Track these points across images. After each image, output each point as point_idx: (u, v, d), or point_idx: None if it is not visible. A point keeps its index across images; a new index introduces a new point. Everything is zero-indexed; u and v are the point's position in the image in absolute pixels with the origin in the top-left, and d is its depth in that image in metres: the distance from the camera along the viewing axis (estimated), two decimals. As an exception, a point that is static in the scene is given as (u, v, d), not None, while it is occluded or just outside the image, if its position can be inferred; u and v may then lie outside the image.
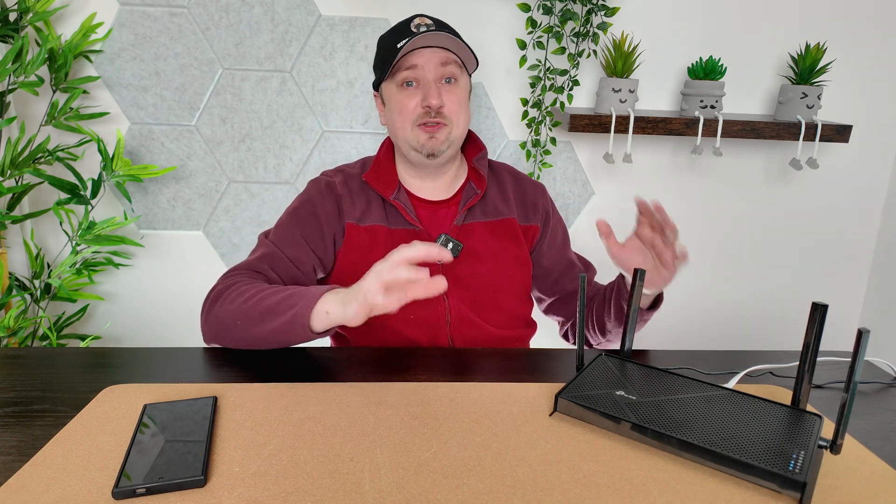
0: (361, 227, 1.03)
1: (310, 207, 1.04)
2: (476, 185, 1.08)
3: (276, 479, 0.60)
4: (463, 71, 1.04)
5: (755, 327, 1.87)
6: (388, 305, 0.73)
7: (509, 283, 1.08)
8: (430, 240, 1.03)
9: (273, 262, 0.99)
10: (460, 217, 1.05)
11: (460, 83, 1.03)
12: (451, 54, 1.00)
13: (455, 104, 1.01)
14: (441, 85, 1.01)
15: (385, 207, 1.05)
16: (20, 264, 1.58)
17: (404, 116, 1.01)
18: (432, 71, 0.99)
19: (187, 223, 1.64)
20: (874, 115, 1.68)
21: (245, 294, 0.87)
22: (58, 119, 1.46)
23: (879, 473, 0.65)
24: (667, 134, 1.51)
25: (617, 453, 0.67)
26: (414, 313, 1.01)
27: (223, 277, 0.95)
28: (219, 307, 0.89)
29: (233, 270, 0.97)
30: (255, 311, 0.84)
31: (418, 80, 1.00)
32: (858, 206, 1.77)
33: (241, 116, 1.58)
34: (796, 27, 1.60)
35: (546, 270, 1.14)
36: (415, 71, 0.99)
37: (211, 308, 0.90)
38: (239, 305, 0.86)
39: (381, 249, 1.01)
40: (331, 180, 1.07)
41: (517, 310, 1.10)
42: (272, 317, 0.83)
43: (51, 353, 0.89)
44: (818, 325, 0.67)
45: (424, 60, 0.99)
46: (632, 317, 0.83)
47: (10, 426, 0.69)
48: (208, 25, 1.50)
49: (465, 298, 1.04)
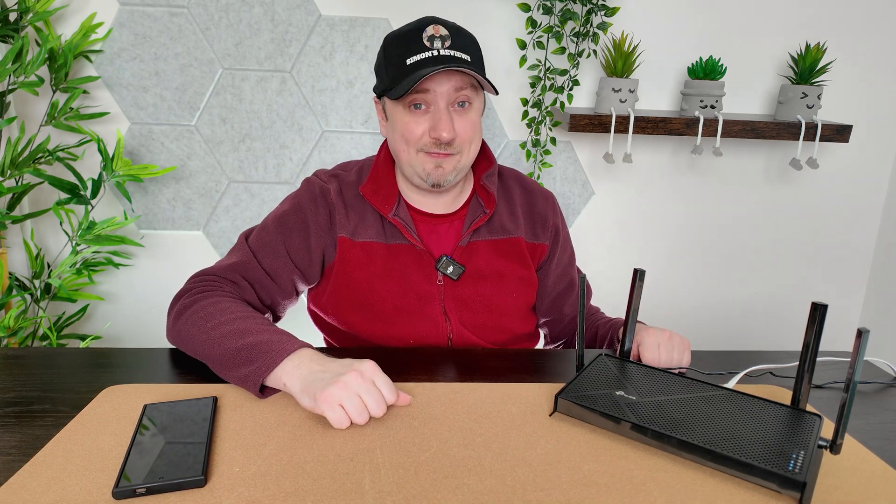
0: (356, 243, 0.96)
1: (299, 217, 0.96)
2: (484, 203, 0.99)
3: (276, 479, 0.60)
4: (478, 92, 0.93)
5: (755, 327, 1.87)
6: (340, 421, 0.68)
7: (513, 304, 1.02)
8: (430, 260, 0.97)
9: (247, 272, 0.93)
10: (465, 239, 0.97)
11: (474, 106, 0.92)
12: (467, 77, 0.89)
13: (468, 132, 0.91)
14: (454, 109, 0.90)
15: (383, 220, 0.97)
16: (20, 264, 1.58)
17: (408, 142, 0.91)
18: (445, 96, 0.88)
19: (187, 223, 1.64)
20: (874, 115, 1.68)
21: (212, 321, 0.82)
22: (58, 119, 1.46)
23: (879, 473, 0.65)
24: (667, 134, 1.51)
25: (617, 453, 0.67)
26: (414, 337, 0.97)
27: (193, 281, 0.90)
28: (182, 324, 0.85)
29: (203, 275, 0.92)
30: (214, 350, 0.79)
31: (428, 104, 0.89)
32: (858, 206, 1.77)
33: (241, 116, 1.58)
34: (796, 27, 1.60)
35: (547, 290, 1.08)
36: (426, 95, 0.88)
37: (176, 320, 0.86)
38: (200, 332, 0.81)
39: (378, 265, 0.96)
40: (325, 186, 0.98)
41: (520, 329, 1.05)
42: (229, 364, 0.77)
43: (51, 353, 0.89)
44: (818, 325, 0.67)
45: (437, 84, 0.87)
46: (631, 317, 0.83)
47: (10, 426, 0.69)
48: (208, 25, 1.50)
49: (467, 321, 0.99)
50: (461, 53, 0.88)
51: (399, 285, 0.96)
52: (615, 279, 1.77)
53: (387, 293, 0.96)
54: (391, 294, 0.96)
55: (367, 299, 0.96)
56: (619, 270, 1.78)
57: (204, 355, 0.81)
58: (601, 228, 1.76)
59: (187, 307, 0.86)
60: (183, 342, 0.85)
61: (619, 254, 1.78)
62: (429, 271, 0.97)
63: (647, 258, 1.79)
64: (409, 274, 0.96)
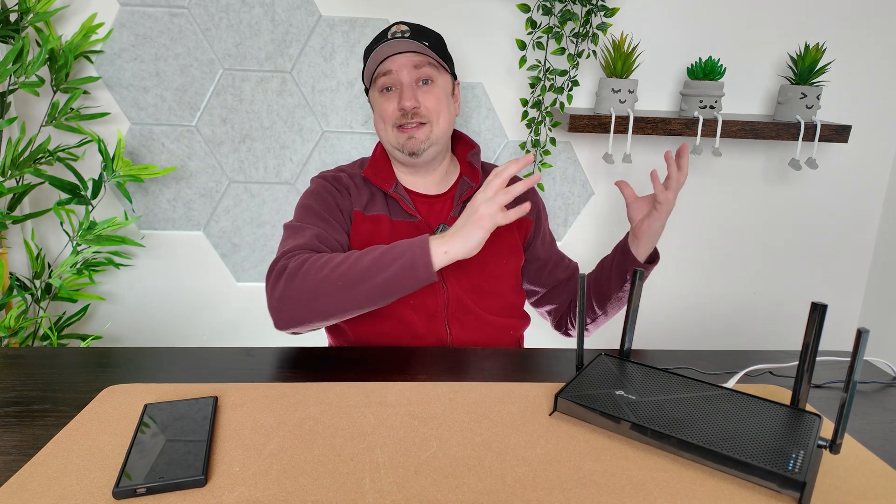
0: (367, 216, 1.08)
1: (324, 194, 1.08)
2: (471, 178, 1.14)
3: (276, 479, 0.60)
4: (441, 70, 1.09)
5: (755, 327, 1.87)
6: (507, 217, 0.85)
7: (505, 270, 1.13)
8: (429, 230, 1.07)
9: (322, 241, 1.00)
10: (456, 209, 1.10)
11: (438, 83, 1.08)
12: (424, 57, 1.05)
13: (432, 102, 1.06)
14: (418, 87, 1.06)
15: (386, 200, 1.10)
16: (21, 264, 1.58)
17: (384, 119, 1.08)
18: (406, 75, 1.05)
19: (188, 223, 1.64)
20: (873, 116, 1.68)
21: (333, 261, 0.88)
22: (58, 119, 1.46)
23: (879, 473, 0.65)
24: (666, 134, 1.52)
25: (617, 453, 0.67)
26: (414, 299, 1.04)
27: (287, 257, 0.93)
28: (302, 279, 0.88)
29: (285, 254, 0.95)
30: (356, 269, 0.86)
31: (395, 85, 1.06)
32: (858, 206, 1.77)
33: (241, 117, 1.58)
34: (796, 27, 1.60)
35: (543, 262, 1.20)
36: (390, 76, 1.06)
37: (287, 286, 0.88)
38: (332, 270, 0.87)
39: (385, 238, 1.05)
40: (336, 175, 1.12)
41: (511, 298, 1.15)
42: (381, 269, 0.84)
43: (51, 353, 0.89)
44: (818, 324, 0.67)
45: (398, 66, 1.05)
46: (631, 317, 0.83)
47: (10, 426, 0.69)
48: (209, 26, 1.50)
49: (464, 283, 1.08)
50: (418, 41, 1.04)
51: None
52: (615, 279, 1.76)
53: None
54: None
55: None
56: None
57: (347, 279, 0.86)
58: (601, 228, 1.76)
59: (296, 271, 0.89)
60: (312, 292, 0.87)
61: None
62: None
63: (646, 258, 1.79)
64: None
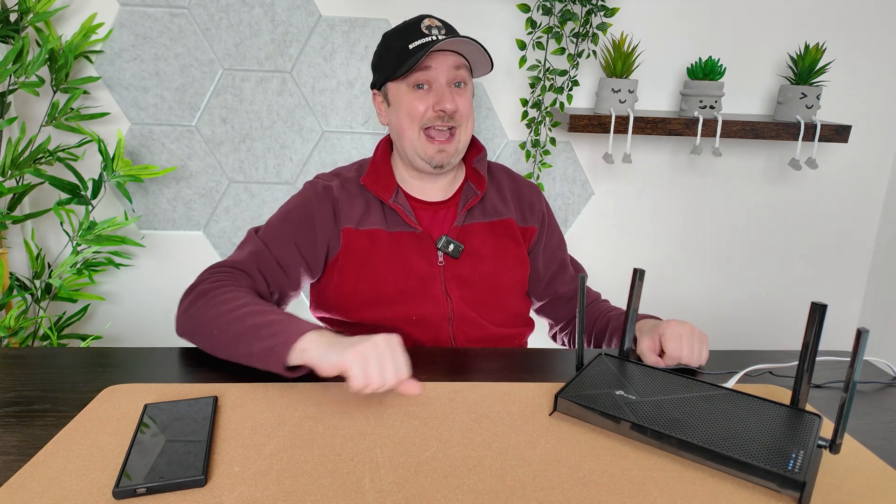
0: (361, 231, 1.01)
1: (305, 211, 1.02)
2: (476, 185, 1.07)
3: (276, 479, 0.60)
4: (470, 76, 1.04)
5: (755, 327, 1.87)
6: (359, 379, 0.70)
7: (510, 282, 1.08)
8: (430, 242, 1.02)
9: (260, 263, 0.96)
10: (460, 218, 1.04)
11: (469, 87, 1.03)
12: (462, 58, 1.00)
13: (466, 108, 1.00)
14: (452, 89, 1.00)
15: (384, 210, 1.03)
16: (21, 264, 1.59)
17: (413, 119, 0.99)
18: (445, 74, 0.98)
19: (188, 223, 1.64)
20: (873, 116, 1.68)
21: (228, 304, 0.84)
22: (58, 119, 1.46)
23: (879, 473, 0.65)
24: (666, 134, 1.52)
25: (617, 453, 0.67)
26: (416, 314, 1.01)
27: (208, 272, 0.92)
28: (198, 308, 0.86)
29: (218, 267, 0.94)
30: (234, 328, 0.81)
31: (430, 83, 0.99)
32: (858, 206, 1.77)
33: (241, 117, 1.58)
34: (796, 27, 1.60)
35: (538, 274, 1.14)
36: (427, 73, 0.97)
37: (191, 305, 0.87)
38: (218, 315, 0.83)
39: (383, 252, 1.00)
40: (328, 184, 1.04)
41: (517, 308, 1.11)
42: (250, 341, 0.79)
43: (51, 353, 0.89)
44: (817, 324, 0.67)
45: (438, 63, 0.97)
46: (631, 317, 0.83)
47: (10, 426, 0.69)
48: (208, 26, 1.50)
49: (467, 298, 1.04)
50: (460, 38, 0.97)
51: (401, 269, 1.01)
52: (615, 279, 1.76)
53: (390, 277, 1.01)
54: (394, 278, 1.01)
55: (371, 285, 1.01)
56: (619, 270, 1.78)
57: (219, 335, 0.82)
58: (601, 229, 1.76)
59: (203, 294, 0.88)
60: (196, 326, 0.86)
61: (618, 254, 1.78)
62: (429, 253, 1.02)
63: (646, 258, 1.79)
64: (411, 258, 1.02)
